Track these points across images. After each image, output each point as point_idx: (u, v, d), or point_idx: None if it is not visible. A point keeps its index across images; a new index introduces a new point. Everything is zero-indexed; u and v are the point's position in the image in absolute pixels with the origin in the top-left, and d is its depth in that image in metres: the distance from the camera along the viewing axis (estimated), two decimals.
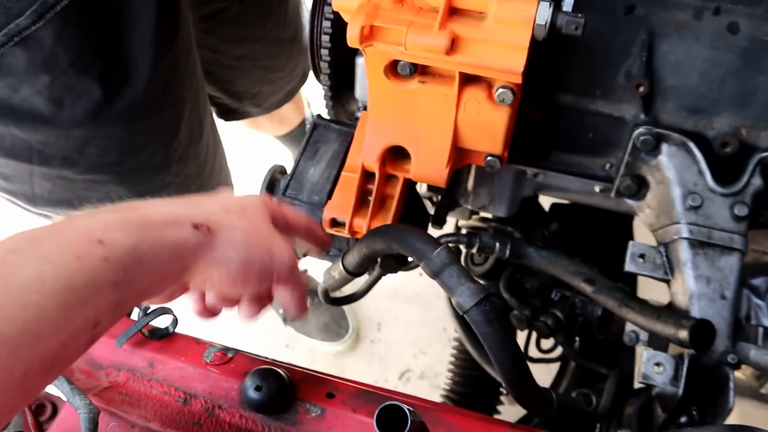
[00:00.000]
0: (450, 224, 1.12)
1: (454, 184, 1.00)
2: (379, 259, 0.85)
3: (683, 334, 0.72)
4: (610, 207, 0.99)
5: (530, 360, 1.21)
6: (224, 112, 1.57)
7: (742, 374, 0.98)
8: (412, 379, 1.95)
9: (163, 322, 0.72)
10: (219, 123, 1.42)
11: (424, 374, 1.95)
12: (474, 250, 0.94)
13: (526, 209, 1.04)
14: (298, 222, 0.72)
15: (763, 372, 0.92)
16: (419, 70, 0.73)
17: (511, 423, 0.68)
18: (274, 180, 0.89)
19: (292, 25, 1.45)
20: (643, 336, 0.86)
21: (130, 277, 0.51)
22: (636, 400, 0.86)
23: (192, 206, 0.60)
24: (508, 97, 0.71)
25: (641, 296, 0.85)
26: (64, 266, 0.46)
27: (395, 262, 0.87)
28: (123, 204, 0.56)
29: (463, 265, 0.81)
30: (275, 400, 0.64)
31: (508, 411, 1.20)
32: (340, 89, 0.95)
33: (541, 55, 0.77)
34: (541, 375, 0.81)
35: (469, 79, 0.72)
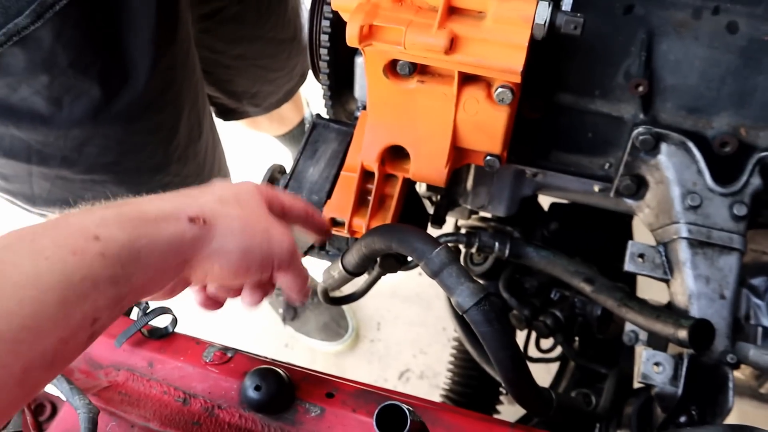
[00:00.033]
0: (449, 224, 1.12)
1: (453, 184, 1.00)
2: (378, 258, 0.85)
3: (682, 333, 0.72)
4: (609, 207, 0.99)
5: (530, 360, 1.21)
6: (223, 112, 1.57)
7: (741, 374, 0.98)
8: (412, 379, 1.95)
9: (163, 321, 0.72)
10: (218, 122, 1.42)
11: (423, 374, 1.95)
12: (473, 250, 0.94)
13: (525, 209, 1.04)
14: (295, 207, 0.71)
15: (762, 372, 0.93)
16: (418, 70, 0.73)
17: (510, 423, 0.68)
18: (274, 179, 0.89)
19: (291, 24, 1.45)
20: (643, 336, 0.86)
21: (127, 273, 0.50)
22: (635, 399, 0.86)
23: (187, 199, 0.59)
24: (508, 96, 0.71)
25: (640, 296, 0.85)
26: (60, 262, 0.46)
27: (395, 262, 0.87)
28: (118, 200, 0.56)
29: (462, 264, 0.81)
30: (275, 399, 0.64)
31: (508, 411, 1.20)
32: (340, 89, 0.95)
33: (540, 54, 0.77)
34: (540, 375, 0.81)
35: (468, 79, 0.72)
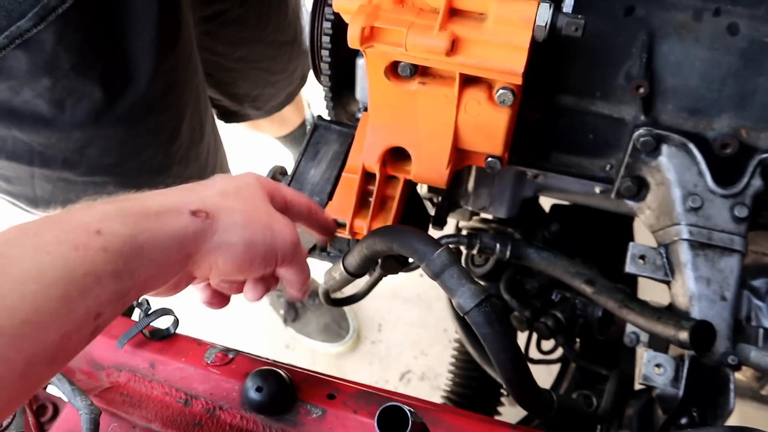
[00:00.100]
0: (450, 225, 1.12)
1: (454, 185, 1.00)
2: (379, 260, 0.85)
3: (683, 335, 0.72)
4: (610, 208, 0.99)
5: (531, 361, 1.21)
6: (225, 114, 1.57)
7: (742, 375, 0.98)
8: (413, 380, 1.95)
9: (164, 323, 0.72)
10: (219, 124, 1.42)
11: (424, 375, 1.95)
12: (474, 251, 0.94)
13: (526, 210, 1.04)
14: (297, 202, 0.71)
15: (763, 373, 0.92)
16: (420, 71, 0.73)
17: (511, 424, 0.68)
18: (275, 180, 0.89)
19: (291, 27, 1.45)
20: (644, 337, 0.86)
21: (130, 267, 0.50)
22: (636, 401, 0.86)
23: (188, 193, 0.59)
24: (509, 98, 0.71)
25: (641, 297, 0.85)
26: (62, 257, 0.46)
27: (396, 263, 0.87)
28: (120, 196, 0.56)
29: (463, 266, 0.81)
30: (276, 401, 0.64)
31: (509, 412, 1.20)
32: (341, 90, 0.95)
33: (541, 56, 0.77)
34: (541, 376, 0.81)
35: (469, 80, 0.73)
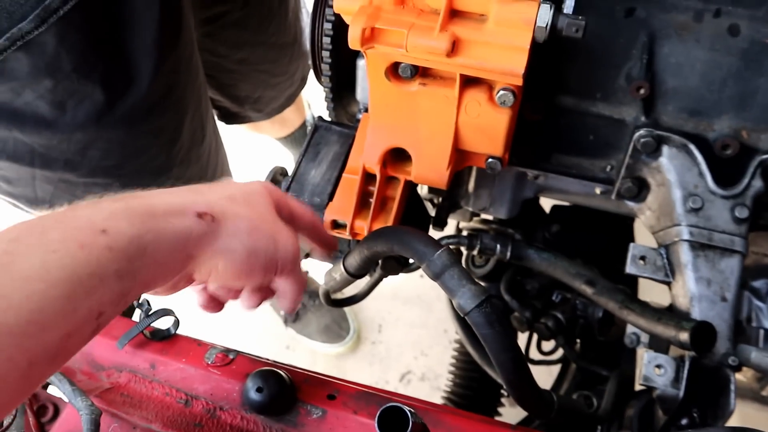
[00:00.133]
0: (451, 226, 1.12)
1: (454, 186, 1.00)
2: (380, 260, 0.85)
3: (684, 336, 0.72)
4: (610, 209, 0.99)
5: (531, 362, 1.21)
6: (225, 116, 1.57)
7: (743, 376, 0.98)
8: (413, 381, 1.95)
9: (165, 323, 0.72)
10: (219, 125, 1.42)
11: (425, 376, 1.95)
12: (475, 252, 0.94)
13: (526, 211, 1.04)
14: (302, 215, 0.71)
15: (764, 374, 0.93)
16: (420, 72, 0.73)
17: (511, 425, 0.68)
18: (276, 181, 0.89)
19: (292, 28, 1.46)
20: (644, 338, 0.86)
21: (133, 267, 0.50)
22: (637, 402, 0.86)
23: (195, 195, 0.59)
24: (509, 99, 0.71)
25: (642, 298, 0.85)
26: (68, 255, 0.46)
27: (396, 264, 0.87)
28: (126, 193, 0.55)
29: (463, 266, 0.81)
30: (276, 401, 0.64)
31: (509, 413, 1.20)
32: (341, 91, 0.95)
33: (541, 57, 0.77)
34: (542, 377, 0.81)
35: (469, 81, 0.73)
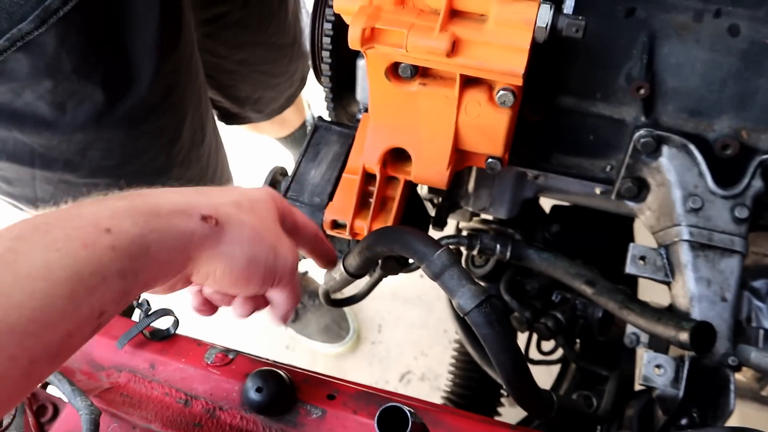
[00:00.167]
0: (451, 226, 1.12)
1: (454, 186, 1.00)
2: (380, 260, 0.85)
3: (684, 336, 0.72)
4: (610, 209, 0.99)
5: (531, 362, 1.21)
6: (226, 116, 1.57)
7: (742, 376, 0.98)
8: (413, 381, 1.95)
9: (164, 323, 0.72)
10: (219, 125, 1.42)
11: (424, 376, 1.95)
12: (475, 252, 0.94)
13: (526, 211, 1.04)
14: (305, 227, 0.71)
15: (763, 374, 0.92)
16: (420, 72, 0.73)
17: (511, 425, 0.68)
18: (275, 182, 0.89)
19: (291, 29, 1.46)
20: (644, 338, 0.86)
21: (136, 267, 0.50)
22: (636, 402, 0.86)
23: (201, 197, 0.58)
24: (509, 99, 0.71)
25: (642, 298, 0.85)
26: (71, 254, 0.46)
27: (396, 264, 0.87)
28: (131, 191, 0.55)
29: (463, 266, 0.81)
30: (276, 401, 0.64)
31: (509, 413, 1.20)
32: (341, 91, 0.95)
33: (541, 57, 0.77)
34: (541, 377, 0.81)
35: (469, 82, 0.73)
